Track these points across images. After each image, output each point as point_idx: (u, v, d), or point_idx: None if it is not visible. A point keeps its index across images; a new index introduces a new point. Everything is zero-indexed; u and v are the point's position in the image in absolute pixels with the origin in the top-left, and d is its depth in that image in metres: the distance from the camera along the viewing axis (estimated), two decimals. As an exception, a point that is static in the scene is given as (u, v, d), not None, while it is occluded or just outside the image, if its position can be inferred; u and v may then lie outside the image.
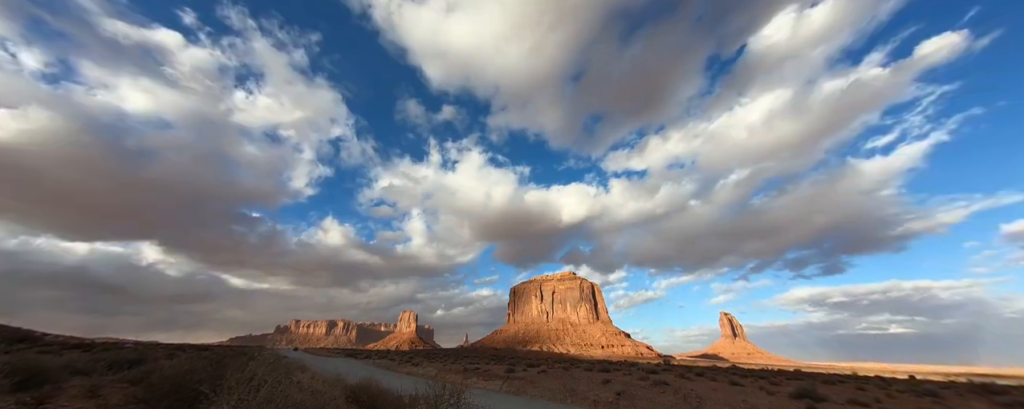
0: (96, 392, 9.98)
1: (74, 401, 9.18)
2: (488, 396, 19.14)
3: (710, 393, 22.29)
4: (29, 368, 10.25)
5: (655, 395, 21.34)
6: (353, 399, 9.61)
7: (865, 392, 25.14)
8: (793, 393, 22.18)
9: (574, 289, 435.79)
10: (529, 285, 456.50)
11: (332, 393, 8.08)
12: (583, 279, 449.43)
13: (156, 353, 23.48)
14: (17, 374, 9.81)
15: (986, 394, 24.11)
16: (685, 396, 21.00)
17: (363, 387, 10.41)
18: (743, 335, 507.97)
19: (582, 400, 19.99)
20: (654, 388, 23.68)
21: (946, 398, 23.03)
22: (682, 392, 22.13)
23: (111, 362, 15.01)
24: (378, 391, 10.29)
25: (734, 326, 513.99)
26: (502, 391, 22.74)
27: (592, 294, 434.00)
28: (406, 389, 10.59)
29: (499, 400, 18.24)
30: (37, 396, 8.88)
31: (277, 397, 5.91)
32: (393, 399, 9.84)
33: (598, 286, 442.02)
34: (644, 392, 22.16)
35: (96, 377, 12.08)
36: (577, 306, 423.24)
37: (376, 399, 9.79)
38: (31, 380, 10.03)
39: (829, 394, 22.82)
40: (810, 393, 21.77)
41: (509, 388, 23.80)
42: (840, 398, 21.87)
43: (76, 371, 12.88)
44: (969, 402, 22.24)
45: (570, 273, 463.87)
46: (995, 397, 22.99)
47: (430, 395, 8.51)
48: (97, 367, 14.19)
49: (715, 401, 19.95)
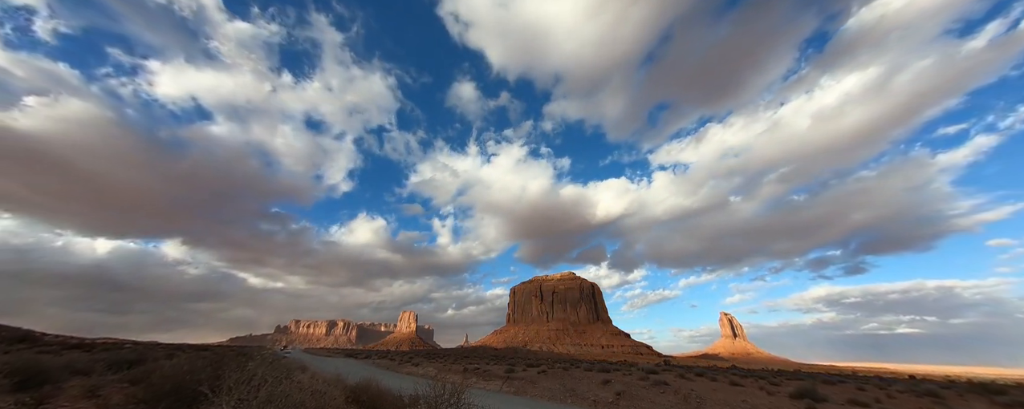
0: (96, 392, 9.97)
1: (74, 401, 9.17)
2: (488, 396, 19.13)
3: (710, 393, 22.28)
4: (29, 368, 10.25)
5: (655, 395, 21.33)
6: (353, 399, 9.61)
7: (865, 392, 25.13)
8: (793, 393, 22.16)
9: (574, 289, 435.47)
10: (529, 285, 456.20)
11: (332, 393, 8.08)
12: (583, 279, 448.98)
13: (156, 353, 23.46)
14: (17, 374, 9.80)
15: (986, 394, 24.10)
16: (685, 396, 20.99)
17: (363, 387, 10.40)
18: (743, 335, 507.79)
19: (582, 400, 19.98)
20: (654, 388, 23.67)
21: (946, 398, 23.03)
22: (682, 392, 22.12)
23: (111, 362, 15.02)
24: (378, 391, 10.29)
25: (734, 326, 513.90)
26: (502, 391, 22.73)
27: (592, 294, 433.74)
28: (406, 389, 10.59)
29: (499, 400, 18.22)
30: (37, 396, 8.88)
31: (277, 397, 5.90)
32: (393, 399, 9.85)
33: (598, 286, 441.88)
34: (644, 392, 22.15)
35: (96, 377, 12.08)
36: (577, 306, 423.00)
37: (376, 399, 9.79)
38: (31, 380, 10.02)
39: (829, 394, 22.81)
40: (810, 393, 21.76)
41: (509, 388, 23.79)
42: (840, 398, 21.87)
43: (76, 371, 12.88)
44: (969, 402, 22.23)
45: (570, 273, 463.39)
46: (995, 397, 22.98)
47: (430, 395, 8.50)
48: (97, 367, 14.19)
49: (715, 401, 19.94)
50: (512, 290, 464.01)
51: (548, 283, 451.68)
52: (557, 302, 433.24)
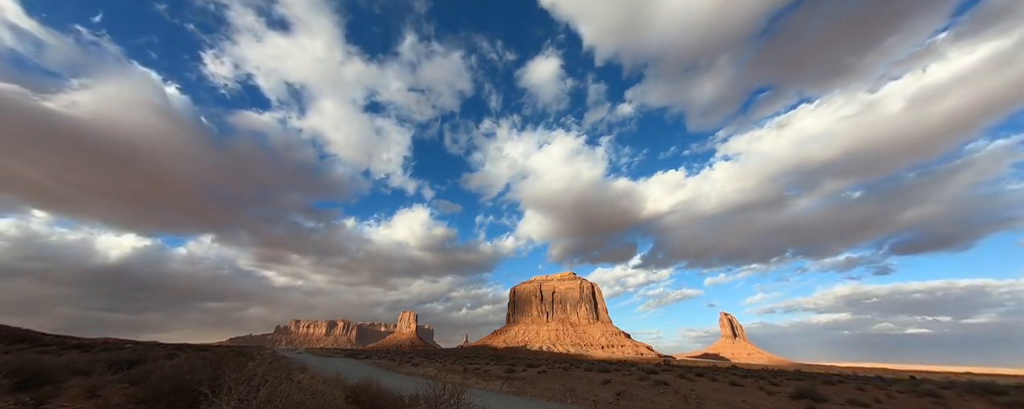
0: (96, 392, 9.97)
1: (74, 401, 9.17)
2: (488, 396, 19.13)
3: (710, 393, 22.28)
4: (29, 368, 10.25)
5: (655, 395, 21.33)
6: (353, 399, 9.61)
7: (865, 392, 25.15)
8: (793, 393, 22.17)
9: (574, 289, 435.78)
10: (529, 285, 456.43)
11: (332, 393, 8.07)
12: (583, 279, 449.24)
13: (156, 353, 23.46)
14: (17, 374, 9.80)
15: (986, 394, 24.10)
16: (685, 396, 20.98)
17: (363, 387, 10.40)
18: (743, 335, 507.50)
19: (582, 400, 19.97)
20: (654, 388, 23.67)
21: (946, 398, 23.03)
22: (682, 392, 22.11)
23: (111, 362, 15.02)
24: (378, 391, 10.28)
25: (734, 326, 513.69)
26: (502, 391, 22.72)
27: (592, 294, 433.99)
28: (406, 389, 10.59)
29: (499, 400, 18.22)
30: (37, 396, 8.88)
31: (277, 397, 5.90)
32: (393, 399, 9.85)
33: (598, 286, 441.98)
34: (644, 392, 22.15)
35: (96, 377, 12.07)
36: (577, 306, 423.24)
37: (376, 399, 9.78)
38: (31, 380, 10.02)
39: (829, 394, 22.82)
40: (810, 393, 21.77)
41: (509, 388, 23.78)
42: (840, 398, 21.88)
43: (76, 371, 12.87)
44: (969, 402, 22.24)
45: (570, 274, 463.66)
46: (995, 397, 22.98)
47: (430, 395, 8.50)
48: (97, 367, 14.18)
49: (715, 401, 19.94)
50: (512, 290, 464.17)
51: (548, 283, 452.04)
52: (557, 302, 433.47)
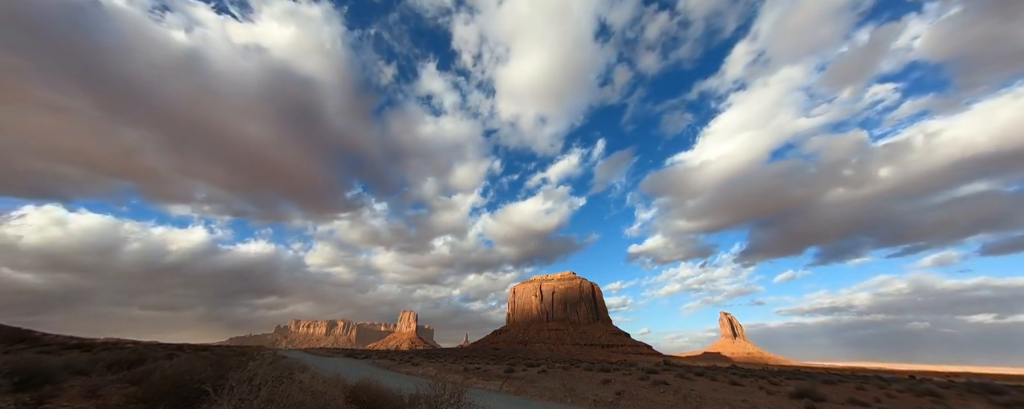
0: (96, 392, 9.97)
1: (74, 401, 9.17)
2: (488, 396, 19.14)
3: (710, 393, 22.29)
4: (29, 368, 10.24)
5: (655, 395, 21.35)
6: (353, 399, 9.60)
7: (865, 392, 25.16)
8: (793, 393, 22.18)
9: (574, 289, 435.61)
10: (529, 285, 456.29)
11: (332, 393, 8.08)
12: (583, 279, 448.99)
13: (156, 353, 23.47)
14: (17, 374, 9.79)
15: (985, 394, 24.12)
16: (685, 396, 21.00)
17: (363, 387, 10.39)
18: (743, 335, 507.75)
19: (582, 400, 19.97)
20: (654, 388, 23.69)
21: (946, 398, 23.05)
22: (682, 392, 22.13)
23: (111, 362, 15.00)
24: (378, 391, 10.28)
25: (734, 326, 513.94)
26: (502, 391, 22.73)
27: (592, 294, 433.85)
28: (406, 389, 10.59)
29: (499, 400, 18.23)
30: (37, 396, 8.88)
31: (278, 397, 5.91)
32: (393, 399, 9.84)
33: (598, 285, 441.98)
34: (644, 392, 22.17)
35: (96, 377, 12.07)
36: (577, 306, 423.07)
37: (376, 399, 9.78)
38: (31, 380, 10.02)
39: (829, 394, 22.83)
40: (810, 393, 21.78)
41: (509, 388, 23.79)
42: (840, 398, 21.89)
43: (76, 371, 12.88)
44: (968, 402, 22.25)
45: (570, 273, 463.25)
46: (994, 397, 23.00)
47: (430, 395, 8.51)
48: (97, 367, 14.18)
49: (715, 401, 19.95)
50: (512, 290, 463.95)
51: (548, 283, 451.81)
52: (557, 302, 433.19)
